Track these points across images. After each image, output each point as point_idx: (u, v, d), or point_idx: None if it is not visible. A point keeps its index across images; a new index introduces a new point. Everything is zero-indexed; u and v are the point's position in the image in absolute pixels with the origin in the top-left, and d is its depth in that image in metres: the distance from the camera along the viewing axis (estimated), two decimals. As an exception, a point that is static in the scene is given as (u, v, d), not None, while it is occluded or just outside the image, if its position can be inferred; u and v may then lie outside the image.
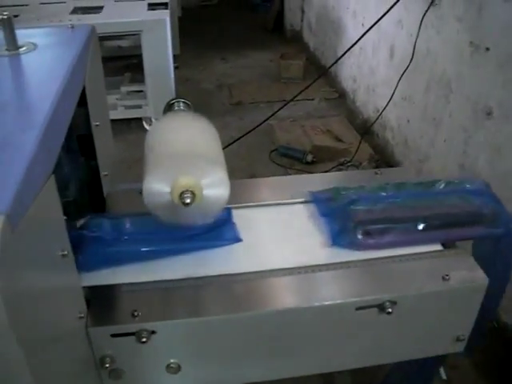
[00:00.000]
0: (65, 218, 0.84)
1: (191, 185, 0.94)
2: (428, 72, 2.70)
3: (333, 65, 2.00)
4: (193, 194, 0.94)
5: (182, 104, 1.23)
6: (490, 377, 2.00)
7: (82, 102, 1.11)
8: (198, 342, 1.00)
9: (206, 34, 5.86)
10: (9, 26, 1.05)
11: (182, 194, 0.94)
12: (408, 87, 2.91)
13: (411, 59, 2.72)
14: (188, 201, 0.93)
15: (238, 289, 1.03)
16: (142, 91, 3.81)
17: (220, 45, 5.55)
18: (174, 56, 3.74)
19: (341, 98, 4.24)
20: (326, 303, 0.99)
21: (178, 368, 1.00)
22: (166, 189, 0.95)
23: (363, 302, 0.99)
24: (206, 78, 4.72)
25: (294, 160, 3.37)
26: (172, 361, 1.00)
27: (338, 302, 1.00)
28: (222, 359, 1.04)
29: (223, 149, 1.12)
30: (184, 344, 1.00)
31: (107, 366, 0.96)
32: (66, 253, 0.82)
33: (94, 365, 0.96)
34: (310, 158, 3.32)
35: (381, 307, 1.00)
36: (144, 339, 0.93)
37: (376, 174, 1.37)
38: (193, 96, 1.36)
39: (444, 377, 2.00)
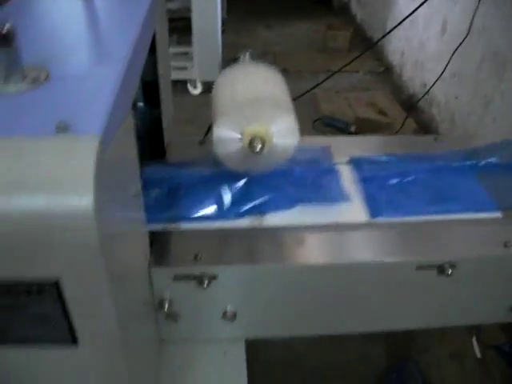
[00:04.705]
0: None
1: (261, 132, 0.94)
2: (481, 49, 2.64)
3: (382, 38, 1.97)
4: (263, 141, 0.94)
5: (248, 55, 1.23)
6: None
7: (151, 48, 1.11)
8: (256, 290, 1.00)
9: (252, 1, 5.81)
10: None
11: (251, 141, 0.94)
12: (459, 63, 2.85)
13: (467, 35, 2.65)
14: (258, 148, 0.93)
15: (299, 240, 1.03)
16: (187, 53, 3.80)
17: (265, 12, 5.50)
18: (222, 20, 3.71)
19: (386, 72, 4.18)
20: (388, 260, 0.99)
21: (234, 316, 1.01)
22: (237, 135, 0.96)
23: (424, 261, 0.99)
24: (250, 44, 4.68)
25: (337, 130, 3.34)
26: (229, 308, 1.01)
27: (400, 259, 0.99)
28: (276, 310, 1.05)
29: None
30: (242, 291, 1.00)
31: (165, 309, 0.98)
32: (138, 193, 0.83)
33: (153, 307, 0.98)
34: (353, 128, 3.29)
35: (440, 269, 0.99)
36: (205, 283, 0.94)
37: (435, 140, 1.36)
38: (238, 61, 1.38)
39: (479, 355, 1.99)
